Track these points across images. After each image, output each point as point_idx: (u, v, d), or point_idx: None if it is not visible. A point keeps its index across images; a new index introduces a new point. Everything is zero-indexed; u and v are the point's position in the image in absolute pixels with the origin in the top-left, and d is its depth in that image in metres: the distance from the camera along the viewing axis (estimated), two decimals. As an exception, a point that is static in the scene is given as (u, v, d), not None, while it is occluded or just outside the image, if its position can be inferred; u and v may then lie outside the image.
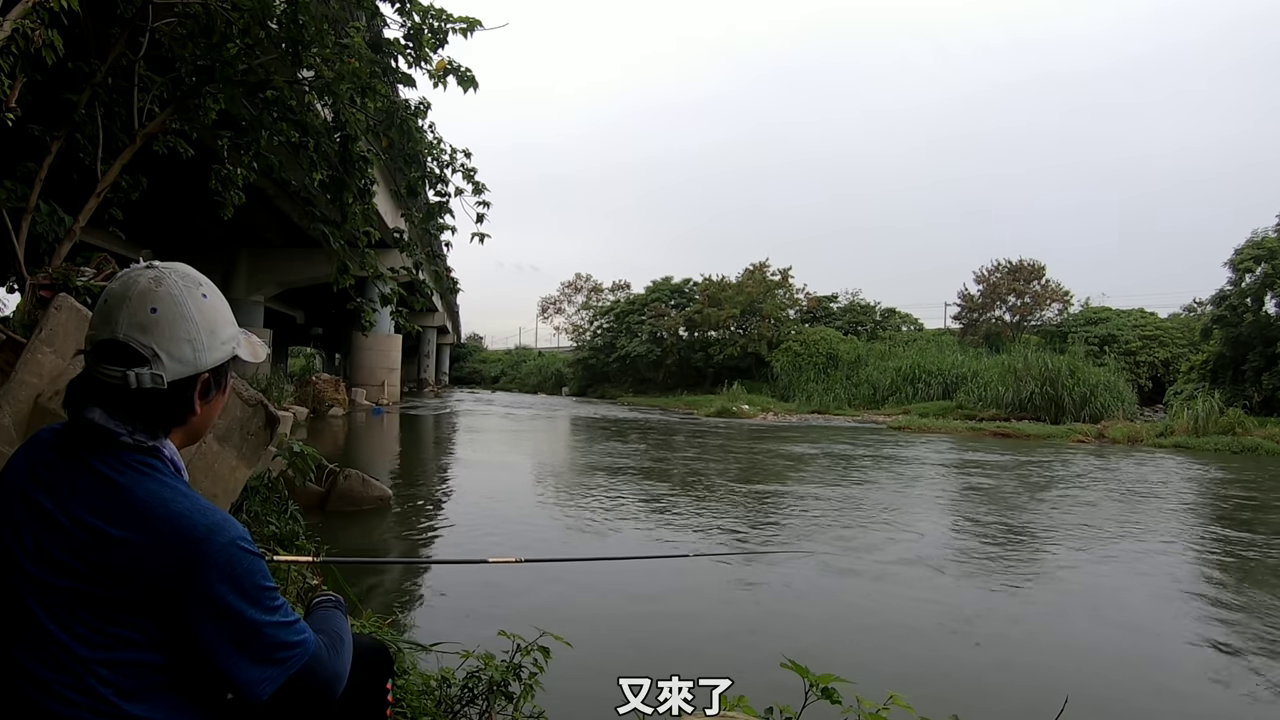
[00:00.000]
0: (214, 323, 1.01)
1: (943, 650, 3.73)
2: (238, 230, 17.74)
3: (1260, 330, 19.29)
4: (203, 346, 0.99)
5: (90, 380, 0.97)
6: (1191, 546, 6.11)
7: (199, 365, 0.99)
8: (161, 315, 0.96)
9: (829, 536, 6.18)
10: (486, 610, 4.00)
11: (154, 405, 0.97)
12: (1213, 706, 3.23)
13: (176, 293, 0.98)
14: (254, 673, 0.94)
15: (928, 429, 19.02)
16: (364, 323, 5.13)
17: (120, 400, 0.95)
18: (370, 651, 1.30)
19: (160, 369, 0.95)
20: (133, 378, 0.94)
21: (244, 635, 0.93)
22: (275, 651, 0.96)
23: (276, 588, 0.98)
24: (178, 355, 0.96)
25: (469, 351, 63.79)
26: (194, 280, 1.01)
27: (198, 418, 1.04)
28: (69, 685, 0.89)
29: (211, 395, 1.04)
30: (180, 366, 0.97)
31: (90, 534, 0.91)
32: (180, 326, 0.97)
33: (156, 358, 0.95)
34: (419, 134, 4.63)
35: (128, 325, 0.95)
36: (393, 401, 24.32)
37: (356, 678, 1.21)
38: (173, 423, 1.00)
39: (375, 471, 8.38)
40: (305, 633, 1.00)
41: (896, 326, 34.27)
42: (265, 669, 0.95)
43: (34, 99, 3.36)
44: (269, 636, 0.95)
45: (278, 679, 0.96)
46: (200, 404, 1.02)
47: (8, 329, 2.80)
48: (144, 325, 0.95)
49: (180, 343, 0.97)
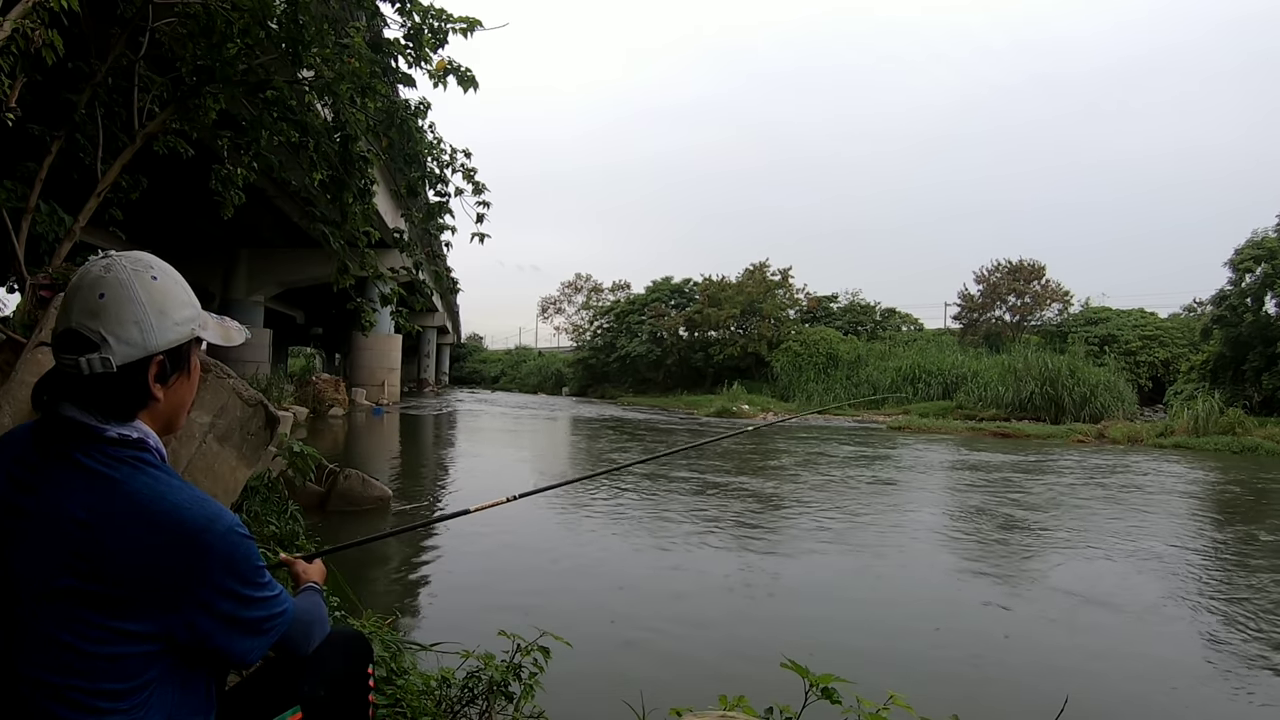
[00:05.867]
0: (164, 304, 0.99)
1: (943, 650, 3.73)
2: (238, 230, 17.74)
3: (1260, 330, 19.28)
4: (150, 328, 0.97)
5: (57, 374, 0.98)
6: (1192, 546, 6.11)
7: (148, 346, 0.97)
8: (108, 300, 0.96)
9: (829, 536, 6.17)
10: (486, 609, 4.00)
11: (108, 390, 0.96)
12: (1213, 706, 3.23)
13: (124, 277, 0.97)
14: (246, 644, 1.01)
15: (928, 429, 19.01)
16: (364, 323, 5.13)
17: (81, 389, 0.96)
18: (351, 639, 1.37)
19: (109, 353, 0.94)
20: (84, 364, 0.94)
21: (242, 615, 0.98)
22: (264, 624, 1.02)
23: (265, 565, 1.04)
24: (124, 338, 0.95)
25: (469, 351, 63.80)
26: (144, 264, 1.00)
27: (162, 403, 1.02)
28: (75, 687, 0.89)
29: (171, 378, 1.02)
30: (128, 349, 0.96)
31: (86, 531, 0.90)
32: (126, 309, 0.96)
33: (105, 342, 0.95)
34: (419, 134, 4.64)
35: (78, 313, 0.96)
36: (393, 401, 24.32)
37: (340, 664, 1.28)
38: (133, 408, 0.99)
39: (375, 471, 8.37)
40: (287, 601, 1.08)
41: (896, 326, 34.27)
42: (256, 639, 1.02)
43: (34, 99, 3.36)
44: (262, 612, 1.01)
45: (265, 646, 1.04)
46: (160, 388, 1.00)
47: (8, 329, 2.80)
48: (93, 311, 0.95)
49: (126, 325, 0.96)
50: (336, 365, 44.07)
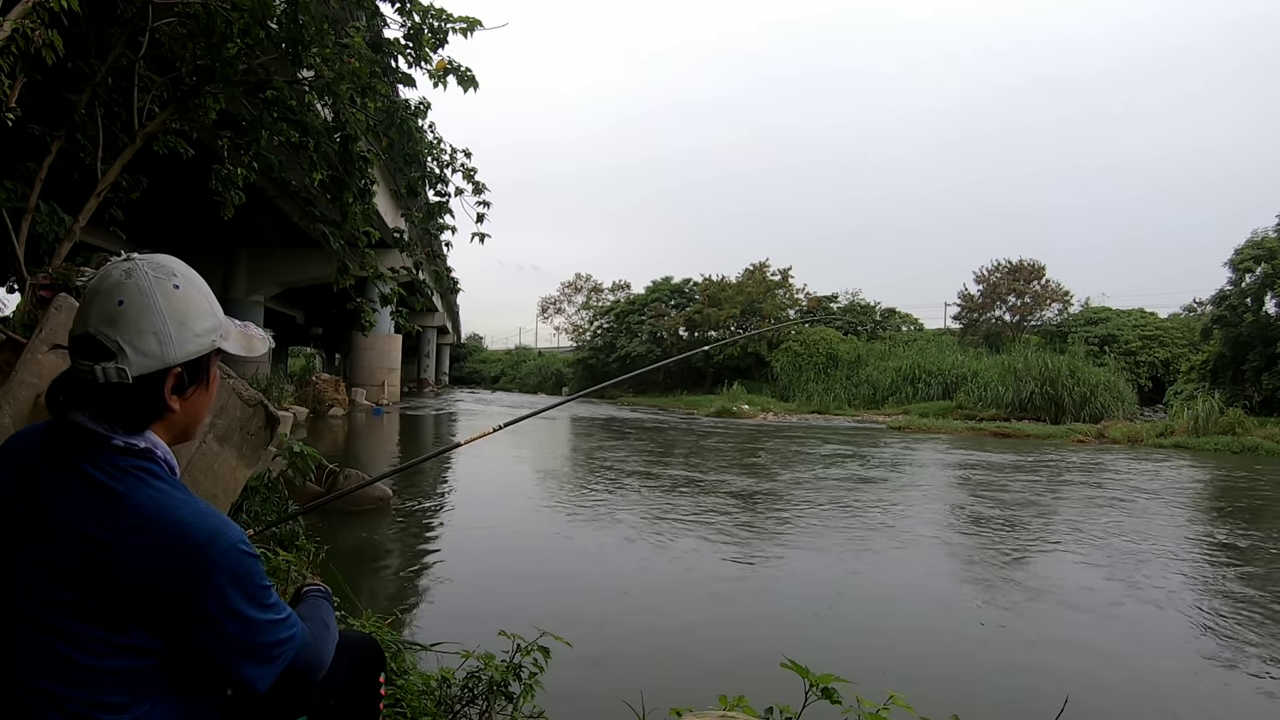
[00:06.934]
0: (184, 314, 0.97)
1: (943, 650, 3.73)
2: (238, 230, 17.73)
3: (1260, 330, 19.28)
4: (170, 339, 0.95)
5: (72, 377, 0.96)
6: (1192, 546, 6.11)
7: (166, 359, 0.95)
8: (127, 308, 0.93)
9: (829, 535, 6.17)
10: (487, 609, 4.01)
11: (122, 400, 0.94)
12: (1214, 706, 3.23)
13: (144, 284, 0.95)
14: (254, 671, 0.97)
15: (928, 429, 19.01)
16: (364, 323, 5.13)
17: (95, 397, 0.94)
18: (362, 646, 1.32)
19: (125, 363, 0.92)
20: (99, 372, 0.92)
21: (246, 636, 0.95)
22: (273, 649, 0.98)
23: (272, 585, 1.00)
24: (142, 349, 0.93)
25: (469, 351, 63.80)
26: (167, 271, 0.98)
27: (178, 414, 1.00)
28: (75, 699, 0.88)
29: (189, 390, 1.00)
30: (146, 360, 0.93)
31: (91, 544, 0.89)
32: (145, 319, 0.93)
33: (121, 351, 0.92)
34: (419, 134, 4.63)
35: (96, 319, 0.93)
36: (393, 401, 24.32)
37: (349, 672, 1.23)
38: (147, 419, 0.97)
39: (375, 472, 8.38)
40: (296, 625, 1.03)
41: (896, 326, 34.26)
42: (264, 666, 0.98)
43: (34, 99, 3.36)
44: (268, 635, 0.97)
45: (275, 673, 0.99)
46: (176, 400, 0.98)
47: (8, 329, 2.80)
48: (111, 318, 0.93)
49: (145, 335, 0.93)
50: (336, 365, 44.06)
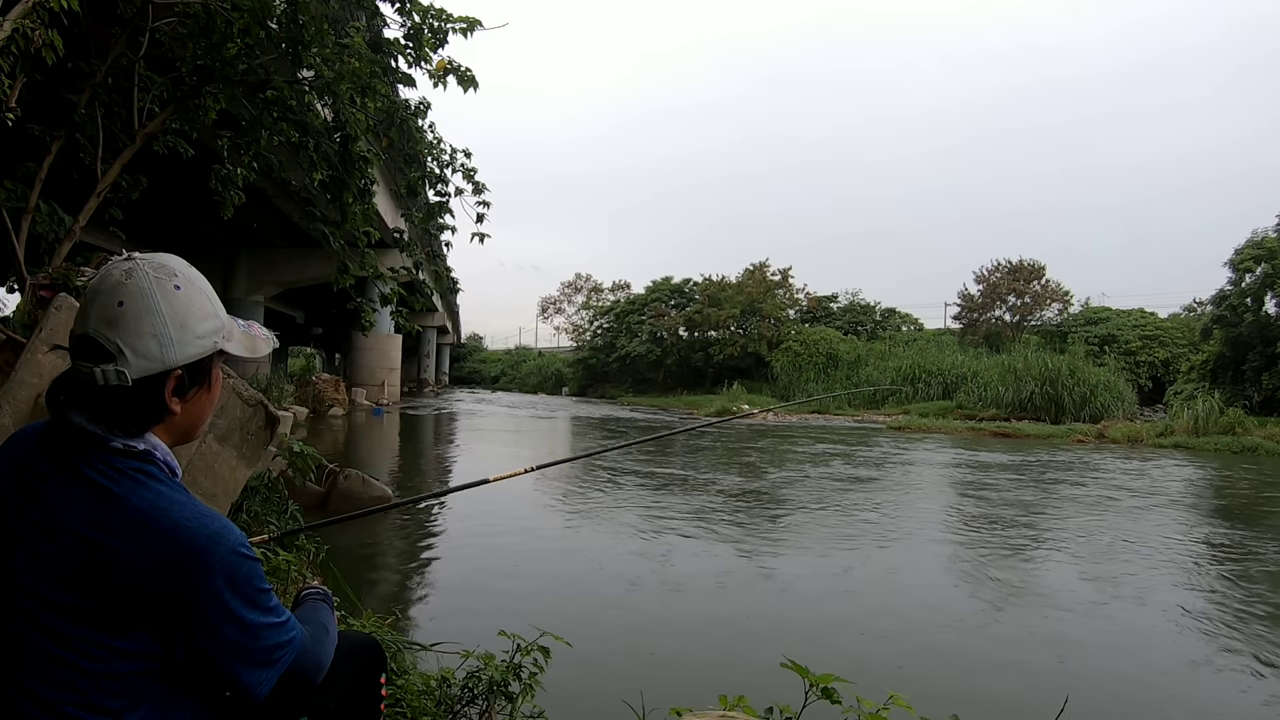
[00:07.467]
0: (185, 316, 0.95)
1: (943, 650, 3.73)
2: (238, 230, 17.72)
3: (1260, 330, 19.28)
4: (170, 341, 0.93)
5: (72, 377, 0.95)
6: (1193, 545, 6.11)
7: (166, 361, 0.94)
8: (127, 309, 0.92)
9: (828, 535, 6.17)
10: (487, 609, 4.01)
11: (121, 403, 0.93)
12: (1213, 706, 3.23)
13: (145, 285, 0.93)
14: (254, 675, 0.96)
15: (928, 429, 18.99)
16: (364, 323, 5.13)
17: (94, 398, 0.92)
18: (363, 647, 1.31)
19: (124, 365, 0.91)
20: (99, 374, 0.91)
21: (245, 640, 0.94)
22: (272, 653, 0.98)
23: (271, 588, 0.99)
24: (141, 350, 0.92)
25: (469, 351, 63.83)
26: (168, 271, 0.96)
27: (179, 416, 0.99)
28: (73, 702, 0.87)
29: (191, 393, 0.99)
30: (146, 363, 0.92)
31: (89, 547, 0.88)
32: (145, 321, 0.92)
33: (121, 353, 0.91)
34: (419, 134, 4.64)
35: (96, 320, 0.92)
36: (393, 401, 24.32)
37: (350, 672, 1.22)
38: (147, 421, 0.96)
39: (375, 471, 8.38)
40: (296, 629, 1.03)
41: (896, 326, 34.29)
42: (263, 670, 0.97)
43: (34, 99, 3.36)
44: (267, 639, 0.97)
45: (274, 678, 0.99)
46: (177, 402, 0.97)
47: (8, 329, 2.80)
48: (111, 319, 0.92)
49: (145, 337, 0.92)
50: (336, 365, 44.05)
